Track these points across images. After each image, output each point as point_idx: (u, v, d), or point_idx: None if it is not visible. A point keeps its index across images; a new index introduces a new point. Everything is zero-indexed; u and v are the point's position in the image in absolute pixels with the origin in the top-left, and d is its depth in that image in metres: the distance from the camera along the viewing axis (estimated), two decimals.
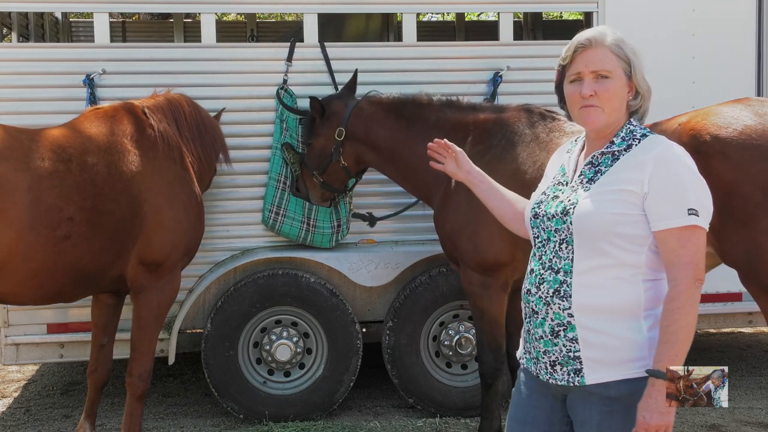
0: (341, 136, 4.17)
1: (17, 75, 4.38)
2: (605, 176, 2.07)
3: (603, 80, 2.07)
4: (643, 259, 2.02)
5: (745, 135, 3.27)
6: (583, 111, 2.10)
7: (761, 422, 4.56)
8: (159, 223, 3.75)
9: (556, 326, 2.07)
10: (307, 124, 4.33)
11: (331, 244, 4.57)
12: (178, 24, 7.55)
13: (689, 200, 1.98)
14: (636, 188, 2.00)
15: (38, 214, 3.36)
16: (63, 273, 3.49)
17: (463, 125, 4.03)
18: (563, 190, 2.16)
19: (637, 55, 2.10)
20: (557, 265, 2.08)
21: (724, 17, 4.86)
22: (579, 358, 2.03)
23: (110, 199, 3.59)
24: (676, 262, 1.97)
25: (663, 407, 1.92)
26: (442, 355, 4.73)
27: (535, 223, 2.18)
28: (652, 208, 1.99)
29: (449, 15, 9.58)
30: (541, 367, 2.13)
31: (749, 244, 3.25)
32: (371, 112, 4.20)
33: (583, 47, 2.10)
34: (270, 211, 4.50)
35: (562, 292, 2.05)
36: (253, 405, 4.55)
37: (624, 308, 2.00)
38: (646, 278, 2.02)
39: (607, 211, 2.01)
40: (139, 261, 3.73)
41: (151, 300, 3.80)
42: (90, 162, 3.58)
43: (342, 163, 4.22)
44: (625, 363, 2.00)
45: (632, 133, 2.12)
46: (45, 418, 4.85)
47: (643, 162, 2.02)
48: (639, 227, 2.00)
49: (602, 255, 2.02)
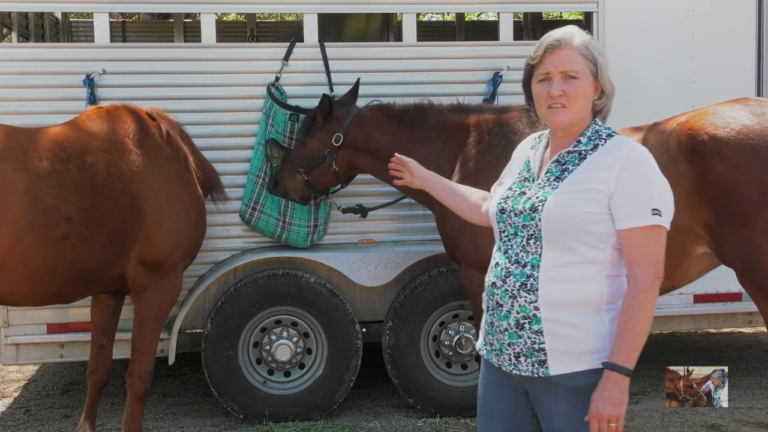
0: (338, 141, 4.17)
1: (17, 75, 4.38)
2: (573, 175, 2.13)
3: (571, 80, 2.14)
4: (608, 255, 2.09)
5: (743, 135, 3.28)
6: (550, 110, 2.17)
7: (761, 422, 4.56)
8: (160, 222, 3.74)
9: (521, 319, 2.11)
10: (307, 122, 4.32)
11: (306, 243, 4.56)
12: (178, 24, 7.55)
13: (654, 200, 2.06)
14: (603, 187, 2.06)
15: (36, 215, 3.35)
16: (62, 273, 3.48)
17: (463, 127, 4.06)
18: (530, 187, 2.21)
19: (603, 56, 2.19)
20: (524, 259, 2.13)
21: (724, 18, 4.86)
22: (544, 349, 2.09)
23: (110, 198, 3.58)
24: (639, 260, 2.04)
25: (616, 399, 1.99)
26: (442, 355, 4.73)
27: (502, 218, 2.23)
28: (618, 208, 2.05)
29: (449, 15, 9.59)
30: (504, 358, 2.17)
31: (746, 244, 3.26)
32: (373, 119, 4.20)
33: (553, 48, 2.16)
34: (247, 205, 4.50)
35: (529, 286, 2.10)
36: (253, 405, 4.55)
37: (588, 302, 2.07)
38: (609, 274, 2.10)
39: (575, 210, 2.07)
40: (140, 261, 3.72)
41: (152, 300, 3.80)
42: (89, 161, 3.57)
43: (333, 167, 4.23)
44: (588, 354, 2.06)
45: (598, 132, 2.19)
46: (45, 418, 4.85)
47: (611, 162, 2.09)
48: (605, 225, 2.07)
49: (569, 251, 2.08)
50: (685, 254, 3.42)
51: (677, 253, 3.40)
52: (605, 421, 1.99)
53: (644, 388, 5.22)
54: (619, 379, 1.99)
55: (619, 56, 4.78)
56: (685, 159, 3.36)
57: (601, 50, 2.20)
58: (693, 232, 3.37)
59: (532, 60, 2.22)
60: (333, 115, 4.22)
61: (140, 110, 3.95)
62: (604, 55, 2.19)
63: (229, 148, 4.58)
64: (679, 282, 3.58)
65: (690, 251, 3.42)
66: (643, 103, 4.70)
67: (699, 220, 3.35)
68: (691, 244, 3.40)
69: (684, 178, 3.35)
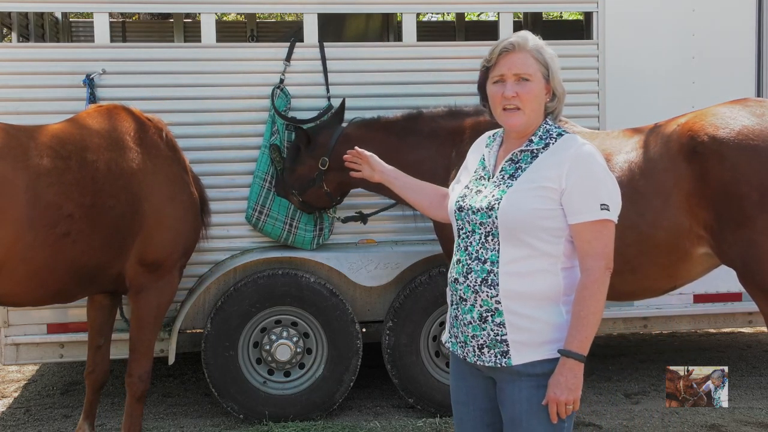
0: (325, 165, 4.20)
1: (17, 75, 4.38)
2: (526, 173, 2.24)
3: (524, 83, 2.25)
4: (561, 249, 2.21)
5: (743, 135, 3.28)
6: (505, 113, 2.28)
7: (761, 422, 4.56)
8: (159, 221, 3.74)
9: (484, 312, 2.22)
10: (292, 151, 4.37)
11: (311, 246, 4.57)
12: (178, 24, 7.55)
13: (602, 196, 2.18)
14: (554, 185, 2.18)
15: (37, 213, 3.35)
16: (63, 271, 3.48)
17: (459, 131, 4.05)
18: (485, 185, 2.31)
19: (554, 60, 2.30)
20: (484, 255, 2.23)
21: (724, 17, 4.86)
22: (506, 341, 2.19)
23: (110, 195, 3.57)
24: (590, 253, 2.17)
25: (572, 384, 2.12)
26: (442, 355, 4.73)
27: (460, 216, 2.32)
28: (569, 203, 2.17)
29: (449, 15, 9.59)
30: (468, 350, 2.27)
31: (746, 244, 3.26)
32: (358, 135, 4.19)
33: (507, 51, 2.28)
34: (254, 209, 4.50)
35: (490, 281, 2.20)
36: (253, 405, 4.55)
37: (546, 294, 2.18)
38: (563, 266, 2.21)
39: (529, 207, 2.17)
40: (139, 260, 3.72)
41: (151, 300, 3.80)
42: (90, 158, 3.57)
43: (325, 188, 4.27)
44: (548, 344, 2.18)
45: (548, 132, 2.30)
46: (45, 418, 4.85)
47: (561, 160, 2.20)
48: (557, 221, 2.19)
49: (525, 246, 2.18)
50: (686, 255, 3.42)
51: (678, 253, 3.42)
52: (563, 404, 2.11)
53: (644, 388, 5.22)
54: (574, 365, 2.12)
55: (619, 56, 4.80)
56: (685, 160, 3.36)
57: (553, 55, 2.31)
58: (693, 233, 3.38)
59: (487, 62, 2.34)
60: (317, 141, 4.26)
61: (139, 112, 3.96)
62: (556, 60, 2.31)
63: (230, 148, 4.58)
64: (680, 282, 3.58)
65: (691, 252, 3.42)
66: (643, 103, 4.71)
67: (699, 220, 3.35)
68: (692, 244, 3.40)
69: (684, 178, 3.35)
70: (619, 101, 4.78)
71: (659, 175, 3.39)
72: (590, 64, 4.79)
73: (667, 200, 3.37)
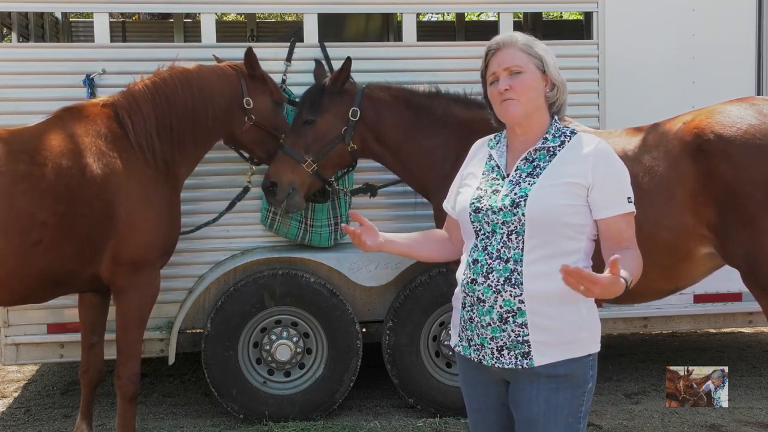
0: (356, 116, 3.92)
1: (17, 75, 4.38)
2: (548, 170, 2.23)
3: (516, 75, 2.27)
4: (583, 246, 2.23)
5: (749, 134, 3.25)
6: (502, 104, 2.28)
7: (761, 422, 4.56)
8: (134, 224, 3.68)
9: (505, 313, 2.18)
10: (313, 97, 3.98)
11: (329, 242, 4.56)
12: (178, 24, 7.55)
13: (627, 189, 2.24)
14: (581, 180, 2.19)
15: (10, 220, 3.34)
16: (32, 278, 3.47)
17: (467, 123, 3.94)
18: (502, 185, 2.28)
19: (548, 53, 2.32)
20: (506, 254, 2.20)
21: (724, 17, 4.86)
22: (528, 342, 2.17)
23: (84, 203, 3.55)
24: (625, 238, 2.21)
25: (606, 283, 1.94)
26: (442, 355, 4.73)
27: (477, 218, 2.28)
28: (599, 198, 2.19)
29: (449, 15, 9.59)
30: (486, 353, 2.23)
31: (751, 245, 3.23)
32: (380, 97, 4.05)
33: (494, 50, 2.33)
34: (268, 210, 4.50)
35: (513, 280, 2.18)
36: (253, 405, 4.55)
37: (568, 293, 2.08)
38: (584, 265, 2.21)
39: (556, 203, 2.17)
40: (114, 261, 3.68)
41: (132, 301, 3.76)
42: (65, 165, 3.54)
43: (351, 146, 3.96)
44: (569, 344, 2.18)
45: (560, 130, 2.31)
46: (45, 418, 4.85)
47: (583, 156, 2.22)
48: (582, 217, 2.20)
49: (549, 244, 2.18)
50: (689, 255, 3.37)
51: (680, 253, 3.37)
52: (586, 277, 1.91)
53: (644, 388, 5.22)
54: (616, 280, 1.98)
55: (619, 56, 4.80)
56: (690, 158, 3.32)
57: (546, 48, 2.33)
58: (697, 232, 3.33)
59: (483, 69, 2.38)
60: (339, 97, 3.96)
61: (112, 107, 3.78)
62: (550, 52, 2.33)
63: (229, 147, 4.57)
64: (683, 283, 3.52)
65: (693, 252, 3.37)
66: (643, 103, 4.71)
67: (703, 220, 3.32)
68: (695, 244, 3.35)
69: (688, 177, 3.32)
70: (619, 101, 4.78)
71: (663, 173, 3.35)
72: (590, 64, 4.79)
73: (671, 198, 3.33)
